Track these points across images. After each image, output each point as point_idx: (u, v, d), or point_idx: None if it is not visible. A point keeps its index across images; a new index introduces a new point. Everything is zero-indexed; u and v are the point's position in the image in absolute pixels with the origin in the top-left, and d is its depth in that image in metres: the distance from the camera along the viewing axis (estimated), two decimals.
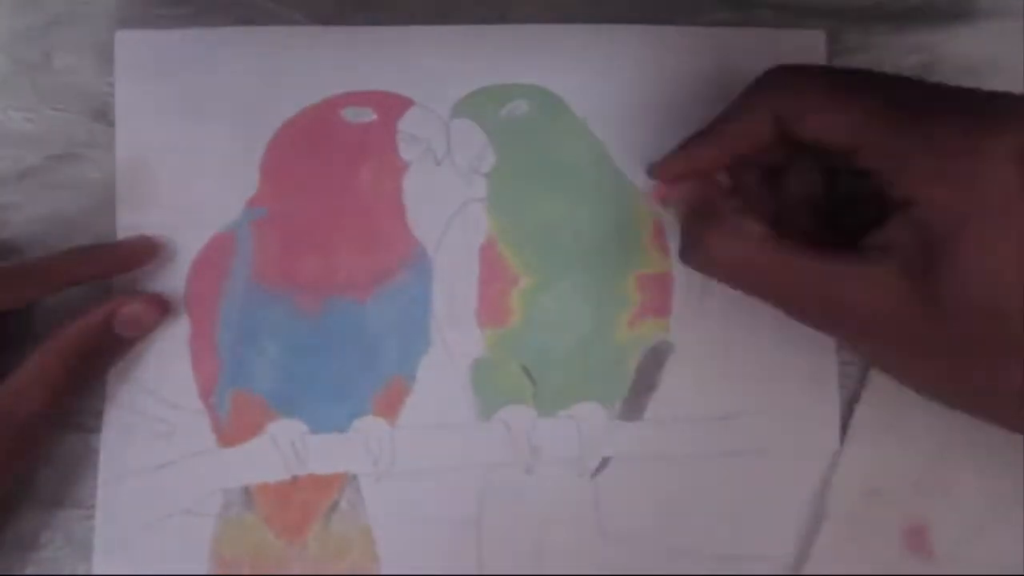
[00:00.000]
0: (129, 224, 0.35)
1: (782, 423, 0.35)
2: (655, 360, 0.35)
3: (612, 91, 0.36)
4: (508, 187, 0.36)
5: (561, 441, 0.35)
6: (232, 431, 0.34)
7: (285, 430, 0.34)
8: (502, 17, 0.36)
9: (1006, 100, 0.26)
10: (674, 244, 0.35)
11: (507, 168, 0.36)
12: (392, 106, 0.35)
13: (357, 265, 0.35)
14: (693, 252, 0.30)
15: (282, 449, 0.34)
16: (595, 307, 0.35)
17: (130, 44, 0.35)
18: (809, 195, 0.32)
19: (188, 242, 0.35)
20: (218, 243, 0.35)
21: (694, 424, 0.35)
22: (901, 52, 0.37)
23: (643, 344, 0.35)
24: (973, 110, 0.25)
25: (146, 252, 0.34)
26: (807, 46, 0.36)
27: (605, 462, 0.35)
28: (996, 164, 0.24)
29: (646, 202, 0.36)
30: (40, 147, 0.35)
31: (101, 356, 0.33)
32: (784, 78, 0.29)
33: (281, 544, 0.34)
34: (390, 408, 0.35)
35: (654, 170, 0.34)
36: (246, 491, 0.34)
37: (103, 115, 0.35)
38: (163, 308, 0.34)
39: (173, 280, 0.35)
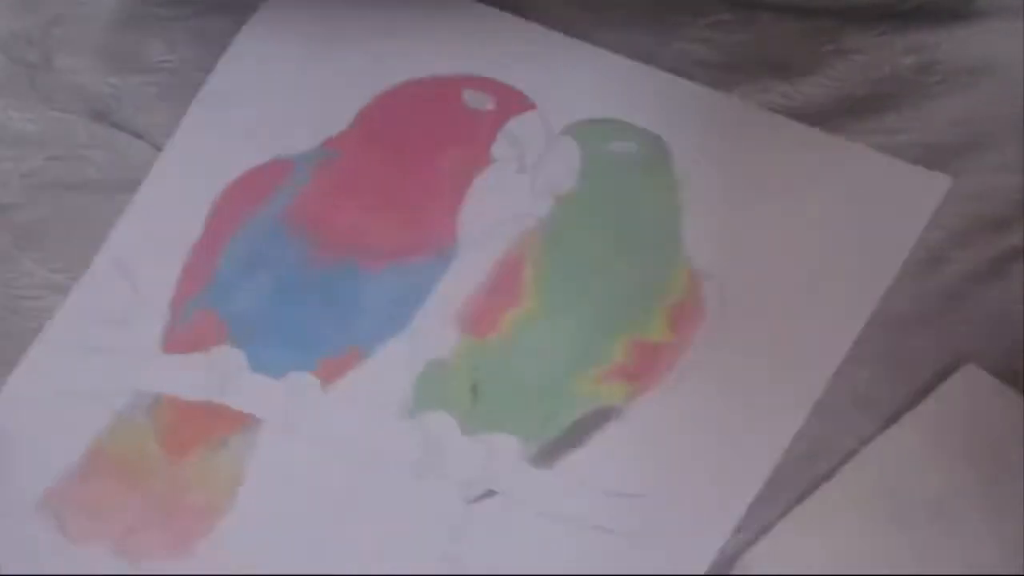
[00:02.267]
0: (204, 113, 0.35)
1: (678, 510, 0.31)
2: (596, 421, 0.33)
3: (719, 161, 0.35)
4: (570, 215, 0.35)
5: (465, 460, 0.32)
6: (180, 342, 0.34)
7: (225, 357, 0.34)
8: (517, 8, 0.37)
9: None
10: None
11: (581, 198, 0.36)
12: (514, 102, 0.36)
13: (390, 235, 0.35)
14: None
15: (212, 374, 0.33)
16: (574, 351, 0.34)
17: None
18: None
19: (246, 155, 0.35)
20: (274, 168, 0.36)
21: (594, 492, 0.32)
22: (901, 52, 0.36)
23: (595, 402, 0.33)
24: None
25: None
26: (926, 186, 0.34)
27: (488, 494, 0.32)
28: None
29: (688, 277, 0.34)
30: (41, 148, 0.36)
31: None
32: None
33: (160, 455, 0.32)
34: (333, 373, 0.33)
35: None
36: (155, 399, 0.33)
37: (103, 115, 0.37)
38: None
39: (210, 185, 0.35)
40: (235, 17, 0.38)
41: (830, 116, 0.36)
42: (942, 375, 0.32)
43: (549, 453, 0.32)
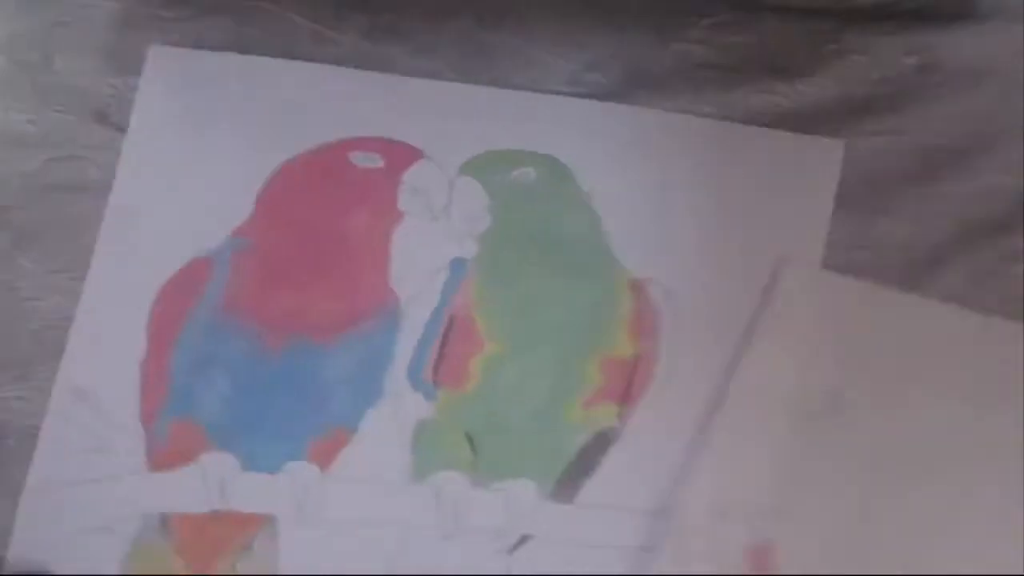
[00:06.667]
0: (114, 233, 0.35)
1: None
2: (599, 445, 0.33)
3: (621, 169, 0.35)
4: (497, 251, 0.35)
5: (487, 512, 0.33)
6: (164, 457, 0.33)
7: (216, 464, 0.33)
8: (499, 17, 0.36)
9: None
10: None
11: (501, 232, 0.35)
12: (401, 156, 0.35)
13: (329, 308, 0.34)
14: None
15: (208, 483, 0.33)
16: (554, 383, 0.34)
17: (161, 59, 0.36)
18: None
19: (165, 262, 0.34)
20: (195, 268, 0.34)
21: (623, 514, 0.32)
22: (901, 52, 0.36)
23: (592, 427, 0.33)
24: None
25: None
26: (823, 154, 0.35)
27: (524, 539, 0.32)
28: None
29: (630, 286, 0.34)
30: (41, 148, 0.36)
31: None
32: None
33: (188, 571, 0.32)
34: (326, 456, 0.33)
35: None
36: (164, 518, 0.33)
37: (104, 116, 0.36)
38: None
39: (139, 299, 0.34)
40: (235, 17, 0.37)
41: (830, 116, 0.36)
42: None
43: (566, 486, 0.33)
